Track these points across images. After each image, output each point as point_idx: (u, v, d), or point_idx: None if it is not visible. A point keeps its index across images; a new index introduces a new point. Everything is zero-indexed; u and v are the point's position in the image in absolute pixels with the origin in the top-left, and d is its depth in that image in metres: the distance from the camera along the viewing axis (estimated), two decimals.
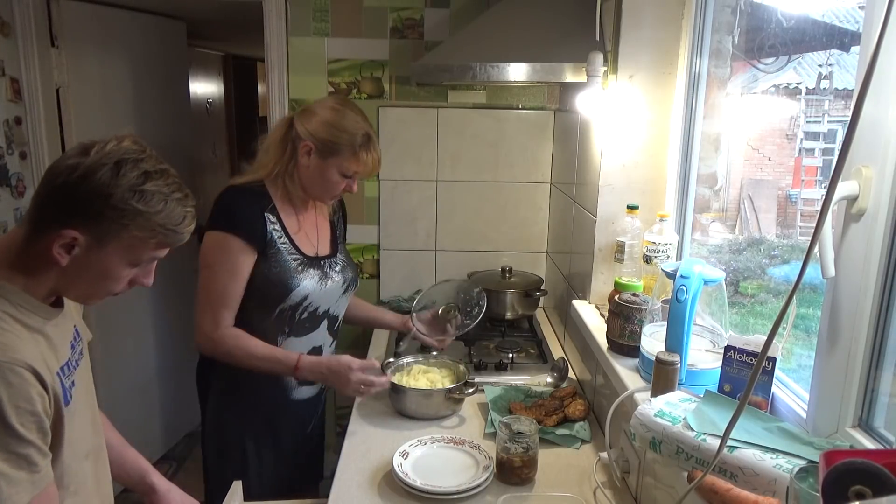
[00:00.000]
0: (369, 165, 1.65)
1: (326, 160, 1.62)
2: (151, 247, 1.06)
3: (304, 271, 1.67)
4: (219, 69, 5.12)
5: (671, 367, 1.23)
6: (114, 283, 1.08)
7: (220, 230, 1.59)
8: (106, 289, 1.09)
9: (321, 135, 1.61)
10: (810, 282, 1.18)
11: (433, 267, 2.71)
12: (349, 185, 1.67)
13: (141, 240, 1.04)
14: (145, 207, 1.01)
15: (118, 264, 1.05)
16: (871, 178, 0.92)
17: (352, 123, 1.62)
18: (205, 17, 3.45)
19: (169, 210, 1.04)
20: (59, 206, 1.00)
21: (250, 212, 1.61)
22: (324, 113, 1.62)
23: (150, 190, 1.02)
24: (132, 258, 1.06)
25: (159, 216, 1.03)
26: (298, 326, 1.71)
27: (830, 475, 0.59)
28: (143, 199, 1.01)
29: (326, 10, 2.47)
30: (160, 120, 3.30)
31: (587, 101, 1.73)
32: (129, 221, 1.01)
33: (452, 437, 1.60)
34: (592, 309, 1.84)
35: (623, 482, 1.44)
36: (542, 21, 1.95)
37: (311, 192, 1.69)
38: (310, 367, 1.64)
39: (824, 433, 1.02)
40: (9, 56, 2.44)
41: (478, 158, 2.62)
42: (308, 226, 1.74)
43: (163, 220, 1.04)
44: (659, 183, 1.77)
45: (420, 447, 1.57)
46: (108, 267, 1.05)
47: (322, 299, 1.72)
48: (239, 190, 1.64)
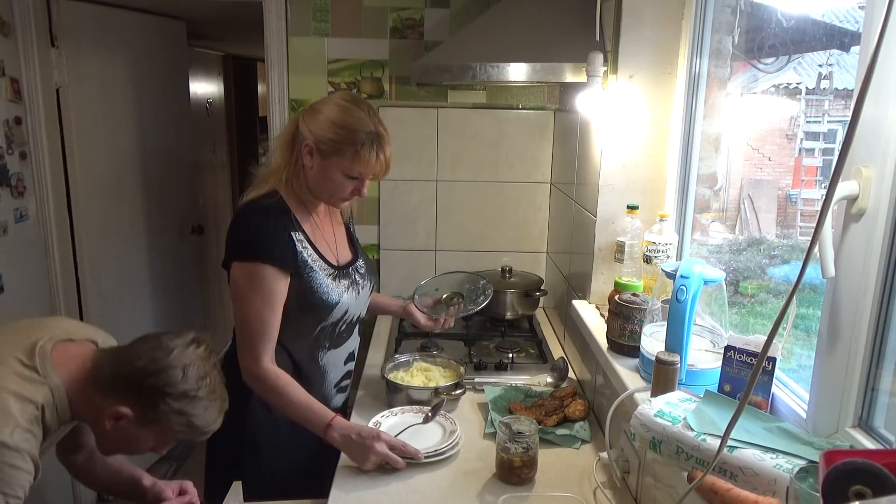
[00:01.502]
0: (374, 166, 1.52)
1: (328, 160, 1.51)
2: (179, 435, 1.25)
3: (338, 284, 1.61)
4: (219, 69, 5.12)
5: (671, 367, 1.23)
6: (134, 451, 1.28)
7: (249, 260, 1.50)
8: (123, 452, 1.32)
9: (321, 133, 1.50)
10: (810, 282, 1.18)
11: (433, 267, 2.71)
12: (357, 188, 1.56)
13: (175, 431, 1.23)
14: (191, 410, 1.21)
15: (147, 441, 1.25)
16: (871, 178, 0.92)
17: (355, 120, 1.50)
18: (205, 17, 3.45)
19: (208, 415, 1.24)
20: (127, 385, 1.20)
21: (278, 236, 1.52)
22: (328, 110, 1.52)
23: (200, 397, 1.21)
24: (160, 442, 1.26)
25: (197, 419, 1.23)
26: (338, 339, 1.68)
27: (830, 475, 0.59)
28: (192, 403, 1.21)
29: (326, 10, 2.47)
30: (160, 120, 3.30)
31: (587, 101, 1.73)
32: (174, 418, 1.21)
33: (421, 409, 1.68)
34: (592, 309, 1.84)
35: (623, 482, 1.44)
36: (542, 21, 1.95)
37: (319, 196, 1.59)
38: (341, 429, 1.51)
39: (824, 433, 1.02)
40: (9, 56, 2.44)
41: (478, 158, 2.62)
42: (326, 231, 1.67)
43: (199, 423, 1.23)
44: (659, 183, 1.77)
45: (391, 418, 1.68)
46: (138, 442, 1.25)
47: (357, 308, 1.69)
48: (262, 211, 1.53)
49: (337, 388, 1.75)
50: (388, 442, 1.49)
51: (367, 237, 2.67)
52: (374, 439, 1.48)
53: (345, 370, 1.76)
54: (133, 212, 3.14)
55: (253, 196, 1.56)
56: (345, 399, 1.83)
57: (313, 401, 1.55)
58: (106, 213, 2.92)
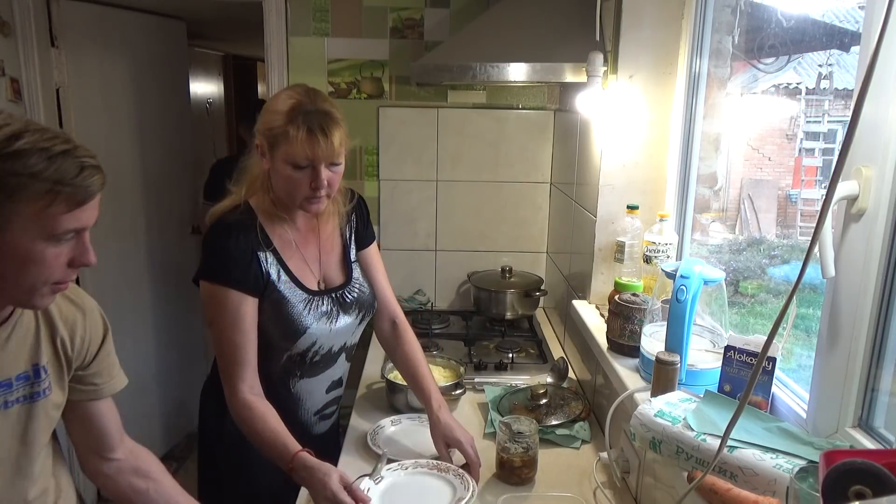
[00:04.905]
0: (313, 146, 1.33)
1: (274, 153, 1.37)
2: (59, 213, 0.92)
3: (310, 312, 1.47)
4: (219, 69, 5.12)
5: (671, 367, 1.23)
6: (41, 267, 0.94)
7: (212, 281, 1.41)
8: (36, 277, 0.95)
9: (264, 126, 1.37)
10: (810, 282, 1.18)
11: (433, 267, 2.71)
12: (314, 180, 1.36)
13: (40, 208, 0.90)
14: (23, 168, 0.88)
15: (32, 243, 0.92)
16: (871, 178, 0.92)
17: (281, 102, 1.36)
18: (205, 17, 3.45)
19: (56, 165, 0.90)
20: None
21: (240, 256, 1.40)
22: (273, 103, 1.40)
23: (24, 149, 0.88)
24: (45, 232, 0.92)
25: (45, 174, 0.89)
26: (311, 369, 1.54)
27: (830, 475, 0.59)
28: (19, 159, 0.88)
29: (326, 10, 2.47)
30: (160, 120, 3.30)
31: (587, 101, 1.73)
32: (14, 191, 0.88)
33: (437, 465, 1.47)
34: (592, 309, 1.84)
35: (623, 482, 1.44)
36: (542, 21, 1.95)
37: (284, 200, 1.44)
38: (303, 466, 1.32)
39: (824, 433, 1.02)
40: (9, 56, 2.44)
41: (478, 158, 2.62)
42: (307, 248, 1.52)
43: (52, 176, 0.90)
44: (659, 183, 1.77)
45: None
46: (22, 251, 0.92)
47: (334, 339, 1.53)
48: (224, 228, 1.42)
49: (319, 415, 1.62)
50: (341, 483, 1.29)
51: None
52: (328, 478, 1.28)
53: (327, 398, 1.62)
54: (133, 212, 3.14)
55: (221, 209, 1.46)
56: (331, 425, 1.68)
57: (279, 436, 1.37)
58: (105, 212, 2.89)
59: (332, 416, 1.68)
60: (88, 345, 1.17)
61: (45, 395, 1.10)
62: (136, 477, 1.29)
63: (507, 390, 1.83)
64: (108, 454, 1.27)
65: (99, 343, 1.19)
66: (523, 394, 1.82)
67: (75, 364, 1.15)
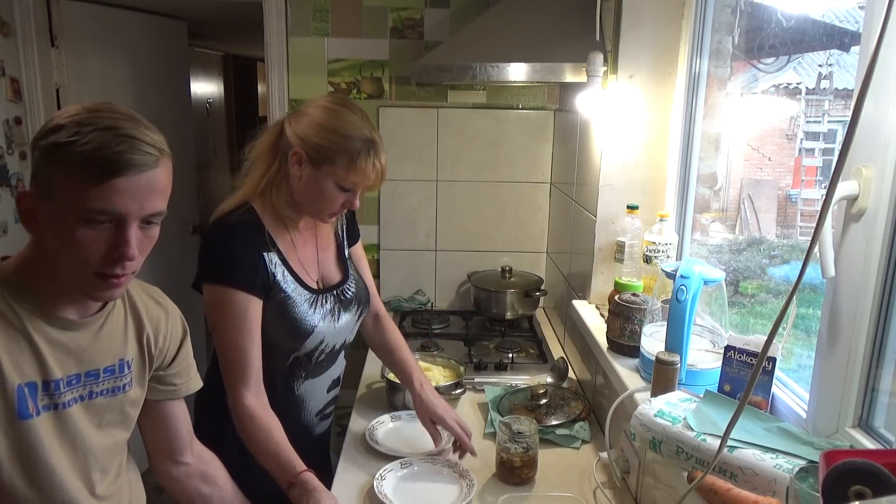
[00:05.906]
0: (370, 176, 1.38)
1: (320, 169, 1.37)
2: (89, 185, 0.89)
3: (315, 310, 1.47)
4: (219, 69, 5.12)
5: (671, 367, 1.23)
6: (78, 250, 0.91)
7: (216, 283, 1.39)
8: (74, 260, 0.92)
9: (313, 139, 1.36)
10: (810, 282, 1.18)
11: (433, 267, 2.71)
12: (349, 200, 1.41)
13: (76, 181, 0.88)
14: (66, 137, 0.88)
15: (68, 220, 0.90)
16: (871, 178, 0.92)
17: (348, 126, 1.37)
18: (205, 17, 3.45)
19: (96, 135, 0.89)
20: None
21: (246, 257, 1.39)
22: (316, 114, 1.38)
23: (63, 124, 0.90)
24: (77, 208, 0.89)
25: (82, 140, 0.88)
26: (316, 368, 1.54)
27: (830, 475, 0.59)
28: (57, 133, 0.89)
29: (326, 10, 2.47)
30: (161, 120, 3.23)
31: (587, 101, 1.73)
32: (57, 160, 0.89)
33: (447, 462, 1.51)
34: (592, 309, 1.84)
35: (623, 482, 1.44)
36: (542, 21, 1.95)
37: (306, 209, 1.45)
38: (303, 486, 1.28)
39: (824, 433, 1.02)
40: (9, 56, 2.44)
41: (478, 158, 2.62)
42: (306, 249, 1.52)
43: (92, 140, 0.88)
44: (659, 183, 1.77)
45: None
46: (62, 228, 0.90)
47: (336, 337, 1.53)
48: (230, 229, 1.41)
49: (320, 415, 1.62)
50: None
51: (367, 237, 2.67)
52: None
53: (328, 398, 1.63)
54: None
55: (224, 209, 1.44)
56: (328, 425, 1.69)
57: (283, 451, 1.34)
58: None
59: (330, 416, 1.69)
60: (170, 344, 1.17)
61: (125, 390, 1.09)
62: (203, 483, 1.29)
63: (507, 390, 1.83)
64: (180, 457, 1.27)
65: (178, 343, 1.20)
66: (523, 394, 1.82)
67: (157, 363, 1.15)
